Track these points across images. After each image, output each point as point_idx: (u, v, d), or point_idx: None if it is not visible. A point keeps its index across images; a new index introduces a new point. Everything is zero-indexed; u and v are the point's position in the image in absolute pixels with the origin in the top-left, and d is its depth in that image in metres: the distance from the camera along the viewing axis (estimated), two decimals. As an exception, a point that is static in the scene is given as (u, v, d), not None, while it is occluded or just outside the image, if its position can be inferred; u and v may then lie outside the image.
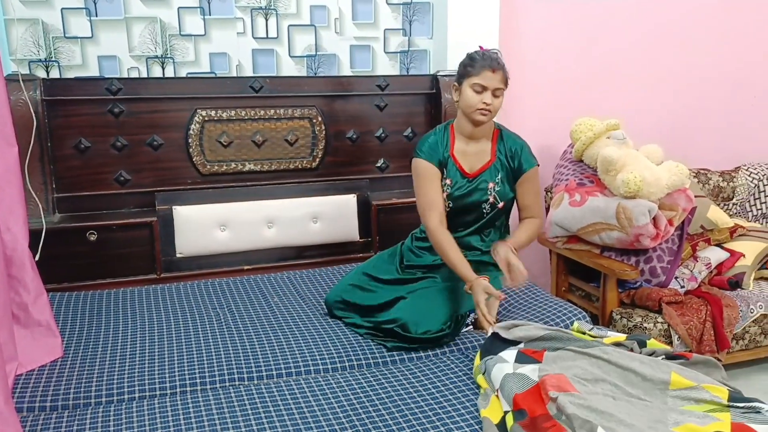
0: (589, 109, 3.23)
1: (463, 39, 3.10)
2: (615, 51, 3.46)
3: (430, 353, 2.02)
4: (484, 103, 2.10)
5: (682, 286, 2.80)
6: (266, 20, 2.99)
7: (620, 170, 2.71)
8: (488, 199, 2.21)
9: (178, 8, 2.85)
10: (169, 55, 2.88)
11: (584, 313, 2.31)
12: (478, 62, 2.12)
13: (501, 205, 2.23)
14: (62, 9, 2.72)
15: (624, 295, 2.74)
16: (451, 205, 2.21)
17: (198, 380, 1.84)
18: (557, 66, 3.38)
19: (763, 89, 3.79)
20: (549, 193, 3.17)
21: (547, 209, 3.12)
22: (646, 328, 2.59)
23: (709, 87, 3.67)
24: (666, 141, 3.12)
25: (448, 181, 2.22)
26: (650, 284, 2.76)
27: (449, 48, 3.10)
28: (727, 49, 3.65)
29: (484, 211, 2.23)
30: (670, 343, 2.62)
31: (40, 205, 2.49)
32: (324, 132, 2.97)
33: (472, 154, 2.22)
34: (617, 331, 2.55)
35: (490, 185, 2.21)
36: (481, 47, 2.20)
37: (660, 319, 2.61)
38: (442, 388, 1.77)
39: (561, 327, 2.12)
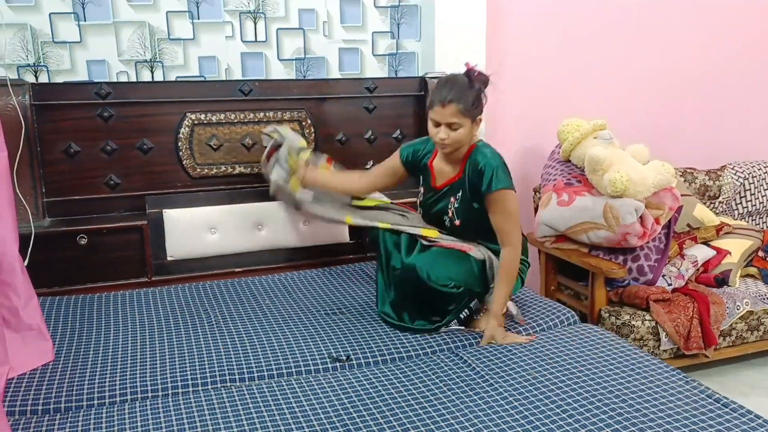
0: (575, 109, 3.26)
1: (451, 41, 3.12)
2: (601, 52, 3.50)
3: (420, 352, 2.03)
4: (440, 138, 2.11)
5: (670, 284, 2.83)
6: (255, 24, 3.00)
7: (607, 170, 2.74)
8: (448, 213, 2.26)
9: (167, 12, 2.86)
10: (158, 59, 2.89)
11: (572, 312, 2.34)
12: (434, 94, 2.12)
13: (458, 222, 2.24)
14: (50, 14, 2.72)
15: (612, 294, 2.77)
16: (421, 213, 2.39)
17: (190, 382, 1.85)
18: (544, 67, 3.41)
19: (747, 89, 3.84)
20: (537, 193, 3.20)
21: (536, 209, 3.14)
22: (634, 325, 2.62)
23: (694, 87, 3.71)
24: (652, 140, 3.16)
25: (421, 189, 2.38)
26: (638, 282, 2.79)
27: (437, 50, 3.12)
28: (712, 48, 3.70)
29: (447, 224, 2.29)
30: (659, 341, 2.65)
31: (29, 210, 2.49)
32: (313, 134, 2.98)
33: (446, 168, 2.27)
34: (606, 329, 2.58)
35: (452, 200, 2.24)
36: (467, 64, 2.17)
37: (648, 317, 2.64)
38: (434, 389, 1.79)
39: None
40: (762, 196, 3.54)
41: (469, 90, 2.09)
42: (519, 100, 3.42)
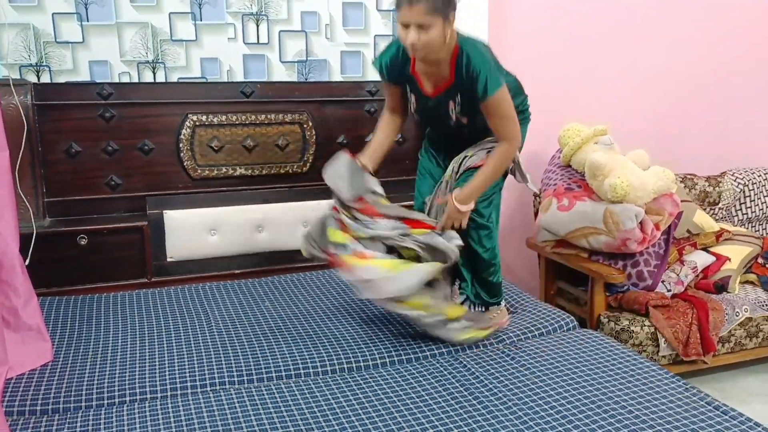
0: (576, 114, 3.26)
1: (453, 45, 3.13)
2: (603, 57, 3.50)
3: (420, 356, 2.03)
4: (410, 41, 1.92)
5: (669, 290, 2.83)
6: (257, 26, 3.00)
7: (607, 175, 2.74)
8: (452, 118, 2.14)
9: (170, 14, 2.86)
10: (160, 60, 2.89)
11: (571, 317, 2.34)
12: None
13: (465, 120, 2.14)
14: (53, 14, 2.72)
15: (611, 299, 2.77)
16: (418, 119, 2.29)
17: (189, 384, 1.85)
18: (545, 71, 3.41)
19: (747, 95, 3.84)
20: (537, 198, 3.20)
21: (536, 214, 3.15)
22: (633, 331, 2.62)
23: (694, 93, 3.71)
24: (653, 146, 3.16)
25: (412, 98, 2.20)
26: (637, 288, 2.79)
27: (439, 54, 3.13)
28: (712, 54, 3.70)
29: (452, 127, 2.17)
30: (657, 347, 2.65)
31: (30, 210, 2.49)
32: (315, 137, 2.98)
33: (432, 73, 2.09)
34: (605, 334, 2.58)
35: (451, 105, 2.11)
36: None
37: (647, 323, 2.64)
38: (433, 392, 1.79)
39: None
40: (762, 203, 3.54)
41: None
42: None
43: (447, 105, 2.13)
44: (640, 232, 2.69)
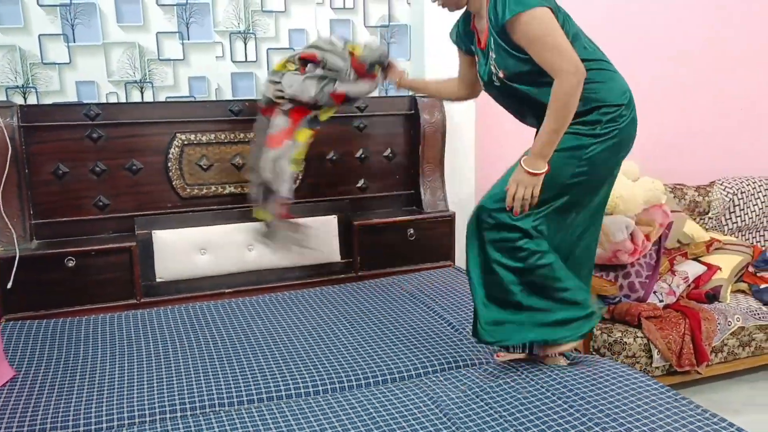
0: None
1: (441, 60, 3.13)
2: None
3: (413, 373, 2.02)
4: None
5: (661, 300, 2.83)
6: (245, 44, 3.01)
7: None
8: (493, 71, 1.95)
9: (157, 33, 2.86)
10: (147, 80, 2.89)
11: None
12: None
13: (502, 74, 1.93)
14: (39, 35, 2.72)
15: (604, 311, 2.77)
16: (483, 86, 2.10)
17: (178, 407, 1.82)
18: (534, 85, 3.43)
19: (735, 105, 3.87)
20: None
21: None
22: (626, 342, 2.62)
23: (682, 104, 3.74)
24: (642, 157, 3.16)
25: (477, 59, 2.09)
26: (629, 299, 2.79)
27: (427, 69, 3.14)
28: (699, 65, 3.73)
29: (497, 84, 1.99)
30: (651, 358, 2.64)
31: (14, 233, 2.47)
32: (303, 154, 2.97)
33: (482, 27, 1.98)
34: (597, 348, 2.57)
35: (491, 54, 1.94)
36: None
37: (640, 334, 2.64)
38: (424, 409, 1.77)
39: None
40: (751, 212, 3.56)
41: None
42: (510, 117, 3.43)
43: (489, 56, 1.94)
44: (631, 244, 2.69)
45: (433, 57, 3.13)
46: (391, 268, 3.01)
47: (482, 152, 3.36)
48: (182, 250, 2.70)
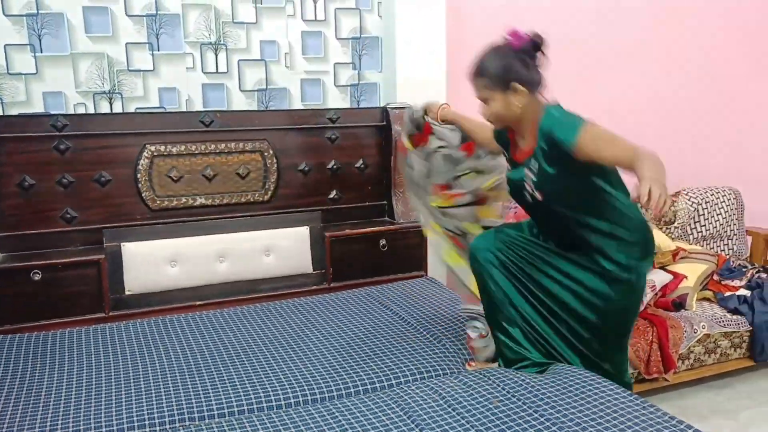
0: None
1: (412, 71, 3.17)
2: (557, 83, 3.57)
3: (385, 384, 2.02)
4: (482, 113, 2.05)
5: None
6: (216, 55, 3.00)
7: None
8: (527, 188, 2.03)
9: (126, 44, 2.84)
10: (117, 91, 2.86)
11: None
12: None
13: (540, 196, 1.98)
14: (5, 45, 2.68)
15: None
16: (509, 190, 2.15)
17: (147, 422, 1.80)
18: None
19: (701, 116, 3.96)
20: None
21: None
22: (595, 351, 2.64)
23: (647, 114, 3.82)
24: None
25: (508, 166, 2.19)
26: (598, 308, 2.82)
27: (398, 81, 3.17)
28: (665, 77, 3.82)
29: (528, 200, 2.05)
30: (619, 366, 2.68)
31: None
32: (276, 165, 2.97)
33: (522, 139, 2.07)
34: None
35: (527, 173, 2.01)
36: (508, 30, 2.02)
37: (609, 342, 2.67)
38: (406, 418, 1.78)
39: None
40: (715, 221, 3.64)
41: (494, 59, 1.98)
42: (479, 130, 3.47)
43: (524, 173, 2.03)
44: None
45: (404, 69, 3.16)
46: (363, 279, 3.01)
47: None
48: (152, 262, 2.67)
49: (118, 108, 2.88)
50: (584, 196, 1.97)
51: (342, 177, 3.13)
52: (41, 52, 2.73)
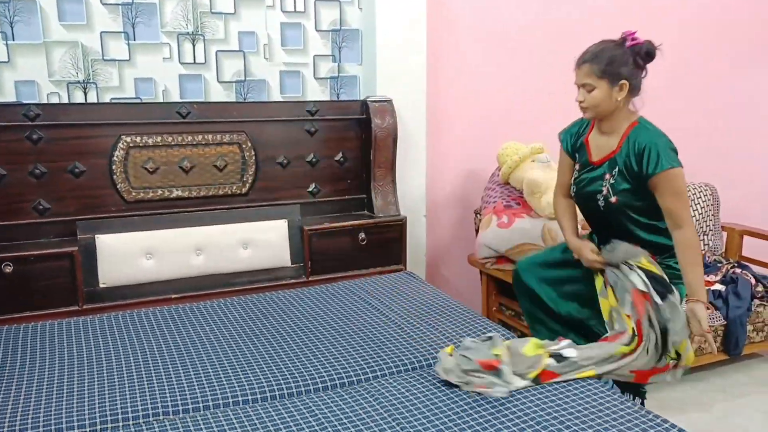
0: (514, 133, 3.33)
1: (392, 64, 3.16)
2: (538, 78, 3.59)
3: (361, 378, 2.01)
4: (578, 99, 2.12)
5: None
6: (193, 45, 2.96)
7: (545, 192, 2.80)
8: (602, 191, 2.14)
9: (101, 33, 2.79)
10: (91, 80, 2.81)
11: (513, 335, 2.35)
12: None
13: (614, 199, 2.12)
14: (-24, 32, 2.62)
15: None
16: (574, 191, 2.29)
17: (120, 416, 1.77)
18: (485, 90, 3.48)
19: (673, 114, 4.00)
20: (478, 216, 3.24)
21: (477, 231, 3.18)
22: (572, 345, 2.66)
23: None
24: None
25: (577, 166, 2.28)
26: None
27: (378, 74, 3.15)
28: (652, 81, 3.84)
29: (600, 204, 2.16)
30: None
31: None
32: (254, 157, 2.95)
33: (603, 143, 2.17)
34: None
35: (607, 176, 2.13)
36: (626, 31, 2.10)
37: (586, 336, 2.69)
38: (377, 417, 1.77)
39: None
40: (691, 216, 3.67)
41: (610, 51, 2.05)
42: (460, 123, 3.48)
43: (603, 176, 2.15)
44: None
45: (385, 62, 3.14)
46: (342, 273, 3.00)
47: (432, 158, 3.39)
48: (127, 254, 2.63)
49: (92, 98, 2.82)
50: (654, 203, 2.09)
51: (321, 170, 3.11)
52: (13, 40, 2.67)
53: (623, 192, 2.11)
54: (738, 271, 3.35)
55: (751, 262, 3.60)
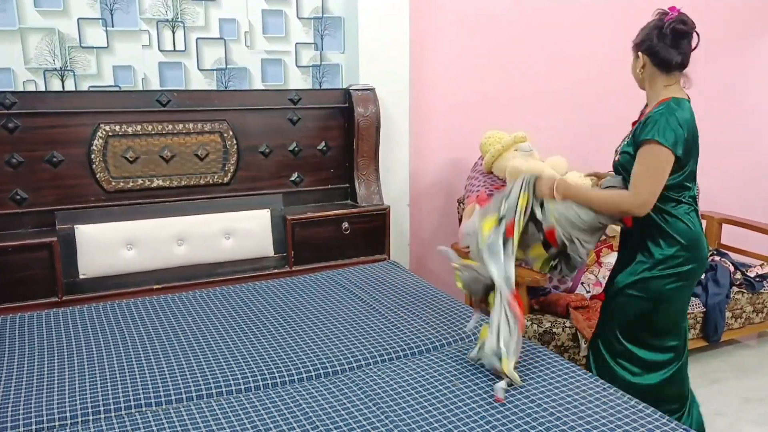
0: (497, 122, 3.33)
1: (375, 53, 3.14)
2: (521, 67, 3.59)
3: (338, 369, 2.01)
4: None
5: (588, 291, 2.92)
6: (173, 33, 2.91)
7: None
8: (618, 150, 2.20)
9: (78, 19, 2.73)
10: (68, 68, 2.76)
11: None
12: None
13: (617, 158, 2.19)
14: (-51, 18, 2.56)
15: (534, 302, 2.83)
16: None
17: (102, 408, 1.75)
18: (468, 79, 3.47)
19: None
20: (461, 204, 3.24)
21: (460, 220, 3.18)
22: (555, 333, 2.68)
23: (606, 101, 3.86)
24: (569, 152, 3.26)
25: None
26: (558, 291, 2.86)
27: (361, 62, 3.13)
28: (621, 65, 3.85)
29: (613, 163, 2.22)
30: (579, 347, 2.72)
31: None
32: (236, 146, 2.92)
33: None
34: (528, 338, 2.63)
35: (626, 139, 2.18)
36: (671, 8, 2.09)
37: (568, 324, 2.71)
38: (358, 403, 1.77)
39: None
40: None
41: (647, 27, 2.08)
42: (443, 113, 3.47)
43: (626, 138, 2.19)
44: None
45: (367, 49, 3.12)
46: (325, 263, 2.99)
47: (416, 146, 3.38)
48: (107, 245, 2.60)
49: (70, 86, 2.77)
50: None
51: (304, 159, 3.08)
52: (-13, 26, 2.61)
53: (624, 153, 2.13)
54: (717, 258, 3.39)
55: (730, 249, 3.65)
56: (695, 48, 2.07)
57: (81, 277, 2.58)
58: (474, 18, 3.42)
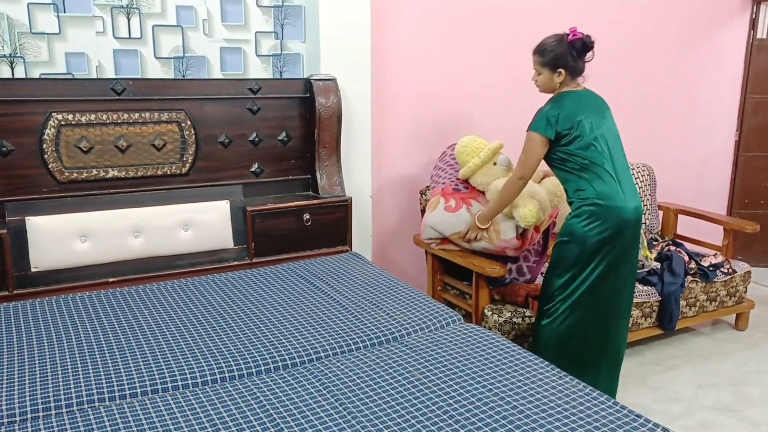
0: (462, 110, 3.33)
1: (336, 42, 3.11)
2: (483, 55, 3.60)
3: (300, 360, 1.99)
4: (532, 80, 2.60)
5: (548, 281, 2.95)
6: (128, 19, 2.84)
7: (515, 205, 2.73)
8: None
9: (28, 4, 2.64)
10: (18, 55, 2.67)
11: (455, 312, 2.37)
12: None
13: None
14: None
15: (495, 292, 2.86)
16: None
17: (53, 404, 1.71)
18: (430, 70, 3.47)
19: (622, 103, 4.08)
20: (424, 196, 3.24)
21: (423, 211, 3.18)
22: (515, 323, 2.71)
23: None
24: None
25: None
26: (518, 281, 2.89)
27: (322, 51, 3.09)
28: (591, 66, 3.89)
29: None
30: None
31: None
32: (194, 136, 2.86)
33: None
34: (490, 326, 2.65)
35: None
36: (571, 29, 2.50)
37: (528, 314, 2.74)
38: (320, 398, 1.76)
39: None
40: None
41: (552, 46, 2.48)
42: (405, 101, 3.46)
43: None
44: (518, 241, 2.77)
45: (328, 39, 3.09)
46: (286, 254, 2.96)
47: (378, 137, 3.37)
48: (60, 237, 2.53)
49: (20, 73, 2.68)
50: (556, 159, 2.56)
51: (264, 150, 3.05)
52: (-69, 10, 2.51)
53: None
54: (673, 248, 3.46)
55: (685, 240, 3.73)
56: (591, 59, 2.54)
57: (33, 270, 2.51)
58: (434, 6, 3.42)
